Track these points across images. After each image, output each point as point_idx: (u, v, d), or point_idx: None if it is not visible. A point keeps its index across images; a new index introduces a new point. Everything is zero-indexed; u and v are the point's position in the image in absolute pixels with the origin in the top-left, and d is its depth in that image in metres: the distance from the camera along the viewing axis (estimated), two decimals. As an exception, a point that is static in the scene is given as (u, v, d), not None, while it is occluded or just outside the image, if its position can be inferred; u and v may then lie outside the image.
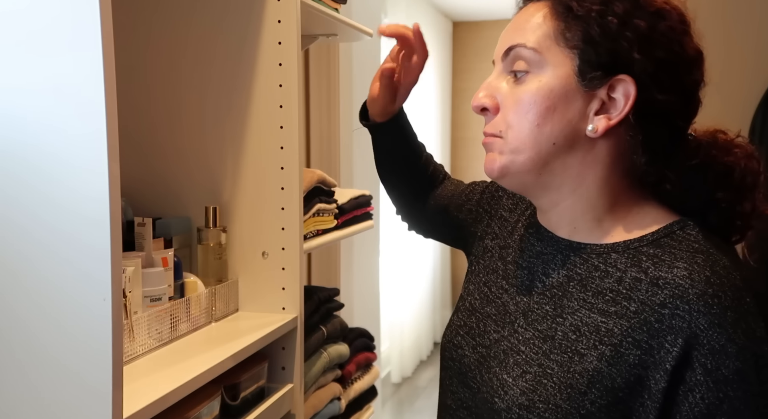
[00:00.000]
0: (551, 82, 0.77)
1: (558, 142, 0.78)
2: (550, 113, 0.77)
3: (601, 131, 0.77)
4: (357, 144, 2.60)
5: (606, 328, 0.76)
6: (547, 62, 0.77)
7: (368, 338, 1.75)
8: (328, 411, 1.53)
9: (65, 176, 0.76)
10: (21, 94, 0.77)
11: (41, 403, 0.79)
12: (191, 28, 1.35)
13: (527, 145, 0.79)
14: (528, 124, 0.78)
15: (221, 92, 1.35)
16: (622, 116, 0.76)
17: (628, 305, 0.75)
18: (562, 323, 0.79)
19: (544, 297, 0.83)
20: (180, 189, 1.38)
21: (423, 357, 5.01)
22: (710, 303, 0.71)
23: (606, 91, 0.76)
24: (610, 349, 0.74)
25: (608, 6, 0.76)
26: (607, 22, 0.75)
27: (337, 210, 1.57)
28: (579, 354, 0.76)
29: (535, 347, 0.80)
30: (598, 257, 0.81)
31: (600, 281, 0.79)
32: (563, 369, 0.77)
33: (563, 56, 0.77)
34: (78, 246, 0.76)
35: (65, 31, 0.74)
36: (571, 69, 0.77)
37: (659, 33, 0.75)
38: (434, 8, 5.07)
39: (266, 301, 1.35)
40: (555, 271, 0.84)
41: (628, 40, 0.75)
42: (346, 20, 1.56)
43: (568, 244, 0.84)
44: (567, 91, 0.77)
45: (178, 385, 0.96)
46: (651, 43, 0.75)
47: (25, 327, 0.79)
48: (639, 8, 0.76)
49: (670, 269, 0.74)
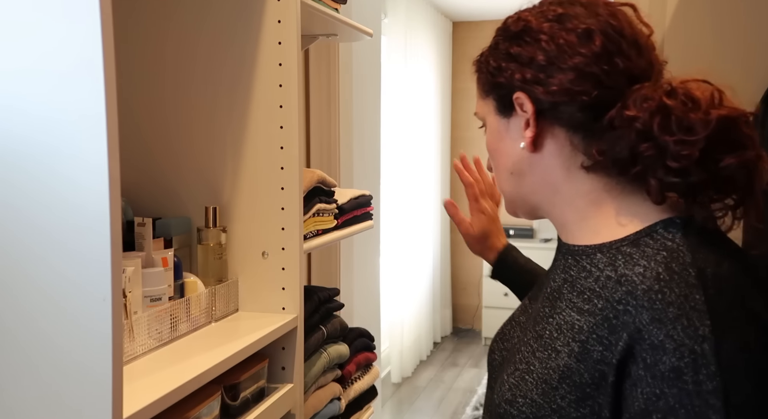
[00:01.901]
0: (489, 128, 0.92)
1: (513, 170, 0.90)
2: (497, 152, 0.92)
3: (527, 142, 0.86)
4: (357, 144, 2.60)
5: (578, 326, 0.78)
6: (484, 114, 0.93)
7: (368, 338, 1.75)
8: (328, 411, 1.52)
9: (65, 175, 0.76)
10: (24, 91, 0.77)
11: (42, 403, 0.79)
12: (191, 28, 1.35)
13: (501, 184, 0.94)
14: (495, 167, 0.94)
15: (221, 92, 1.35)
16: (531, 121, 0.85)
17: (597, 303, 0.78)
18: (551, 323, 0.83)
19: (547, 301, 0.87)
20: (180, 189, 1.38)
21: (423, 357, 5.01)
22: (653, 299, 0.72)
23: (519, 110, 0.86)
24: (578, 345, 0.77)
25: (493, 48, 0.89)
26: (492, 62, 0.89)
27: (337, 210, 1.57)
28: (555, 351, 0.80)
29: (529, 347, 0.84)
30: (587, 258, 0.84)
31: (584, 281, 0.82)
32: (542, 366, 0.80)
33: (487, 104, 0.92)
34: (78, 246, 0.76)
35: (64, 30, 0.74)
36: (493, 110, 0.90)
37: (529, 45, 0.84)
38: (434, 8, 5.07)
39: (266, 301, 1.36)
40: (558, 275, 0.88)
41: (506, 68, 0.86)
42: (346, 20, 1.56)
43: (568, 248, 0.88)
44: (497, 128, 0.91)
45: (178, 385, 0.96)
46: (522, 57, 0.84)
47: (27, 327, 0.79)
48: (505, 37, 0.88)
49: (633, 266, 0.76)
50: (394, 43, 4.24)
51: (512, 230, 5.35)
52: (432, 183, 5.12)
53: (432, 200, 5.12)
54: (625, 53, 0.82)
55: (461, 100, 5.68)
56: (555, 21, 0.84)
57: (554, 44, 0.83)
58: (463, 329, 5.83)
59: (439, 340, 5.47)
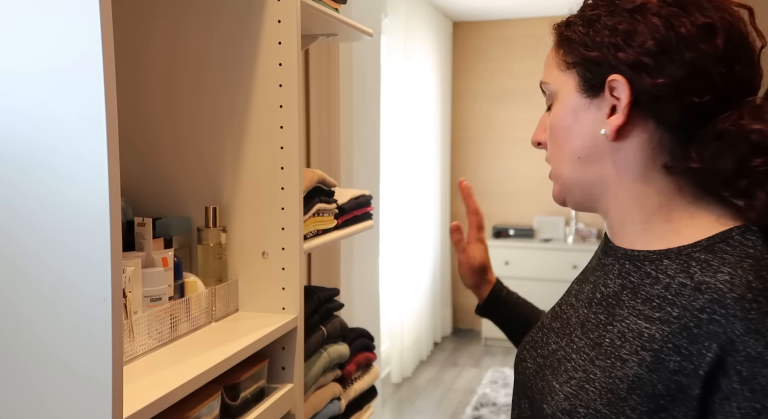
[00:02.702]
0: (563, 104, 0.85)
1: (582, 154, 0.83)
2: (567, 132, 0.84)
3: (611, 130, 0.79)
4: (357, 144, 2.60)
5: (648, 334, 0.75)
6: (558, 88, 0.85)
7: (368, 338, 1.75)
8: (328, 411, 1.52)
9: (65, 175, 0.76)
10: (24, 90, 0.77)
11: (42, 403, 0.79)
12: (190, 28, 1.35)
13: (560, 166, 0.87)
14: (555, 147, 0.87)
15: (221, 92, 1.35)
16: (625, 110, 0.78)
17: (671, 311, 0.74)
18: (611, 330, 0.79)
19: (600, 307, 0.84)
20: (180, 189, 1.38)
21: (423, 357, 5.01)
22: (747, 308, 0.69)
23: (609, 94, 0.80)
24: (651, 355, 0.74)
25: (591, 21, 0.81)
26: (590, 35, 0.81)
27: (337, 210, 1.57)
28: (621, 360, 0.76)
29: (584, 354, 0.81)
30: (651, 264, 0.80)
31: (650, 288, 0.78)
32: (605, 375, 0.76)
33: (567, 78, 0.84)
34: (78, 246, 0.76)
35: (64, 29, 0.74)
36: (573, 87, 0.83)
37: (642, 24, 0.77)
38: (434, 8, 5.07)
39: (266, 301, 1.36)
40: (612, 280, 0.84)
41: (608, 45, 0.79)
42: (346, 20, 1.56)
43: (624, 252, 0.84)
44: (575, 107, 0.83)
45: (178, 385, 0.96)
46: (632, 37, 0.77)
47: (27, 327, 0.79)
48: (615, 11, 0.79)
49: (714, 273, 0.73)
50: (394, 43, 4.24)
51: (512, 230, 5.35)
52: (432, 183, 5.12)
53: (432, 200, 5.12)
54: (743, 60, 0.77)
55: (461, 101, 5.68)
56: (676, 6, 0.77)
57: (672, 31, 0.76)
58: (463, 329, 5.83)
59: (439, 340, 5.47)
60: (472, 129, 5.64)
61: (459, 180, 1.20)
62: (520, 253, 5.22)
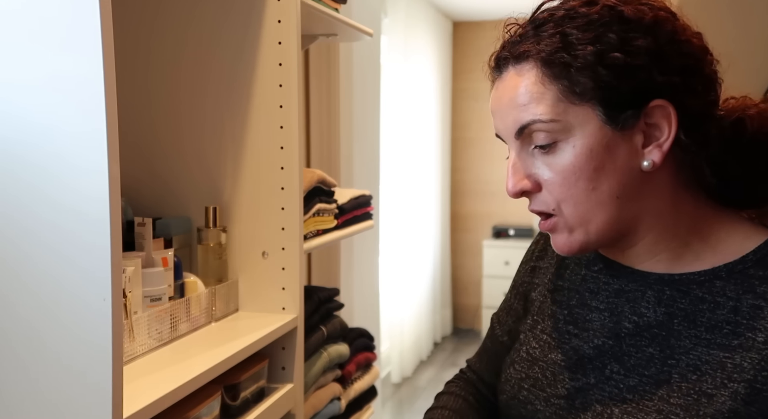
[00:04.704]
0: (586, 142, 0.72)
1: (621, 194, 0.73)
2: (600, 172, 0.73)
3: (659, 161, 0.73)
4: (357, 144, 2.60)
5: (732, 363, 0.70)
6: (572, 125, 0.72)
7: (368, 338, 1.75)
8: (328, 411, 1.52)
9: (65, 176, 0.76)
10: (22, 93, 0.77)
11: (42, 403, 0.79)
12: (191, 28, 1.35)
13: (592, 211, 0.74)
14: (582, 192, 0.73)
15: (221, 92, 1.35)
16: (672, 137, 0.72)
17: (753, 336, 0.70)
18: (675, 365, 0.73)
19: (642, 339, 0.77)
20: (180, 189, 1.38)
21: (423, 357, 5.01)
22: None
23: (643, 121, 0.73)
24: (744, 386, 0.69)
25: (602, 42, 0.70)
26: (611, 60, 0.70)
27: (337, 210, 1.57)
28: (706, 395, 0.70)
29: (647, 393, 0.74)
30: (700, 287, 0.75)
31: (711, 313, 0.73)
32: (690, 413, 0.70)
33: (584, 112, 0.72)
34: (78, 246, 0.76)
35: (64, 29, 0.74)
36: (598, 121, 0.72)
37: (664, 43, 0.71)
38: (434, 8, 5.07)
39: (266, 301, 1.35)
40: (649, 309, 0.77)
41: (642, 67, 0.70)
42: (346, 20, 1.56)
43: (659, 278, 0.78)
44: (606, 143, 0.72)
45: (178, 385, 0.96)
46: (663, 57, 0.71)
47: (27, 328, 0.79)
48: (633, 28, 0.71)
49: None
50: (394, 43, 4.24)
51: (512, 230, 5.35)
52: (432, 183, 5.12)
53: (432, 200, 5.12)
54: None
55: (461, 101, 5.67)
56: (673, 17, 0.73)
57: (693, 44, 0.72)
58: (463, 329, 5.83)
59: (439, 340, 5.47)
60: (472, 129, 5.64)
61: None
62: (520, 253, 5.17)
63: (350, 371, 1.63)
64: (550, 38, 0.73)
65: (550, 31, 0.73)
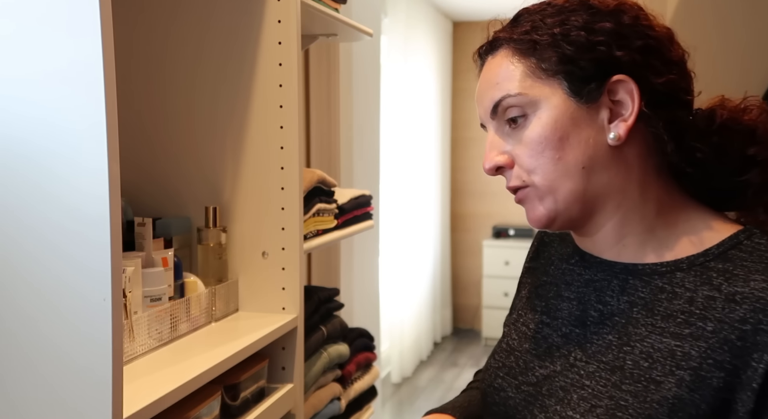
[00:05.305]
0: (552, 113, 0.77)
1: (586, 164, 0.77)
2: (565, 142, 0.77)
3: (623, 134, 0.76)
4: (357, 144, 2.60)
5: (682, 352, 0.72)
6: (539, 98, 0.77)
7: (368, 338, 1.75)
8: (328, 411, 1.53)
9: (65, 175, 0.76)
10: (22, 92, 0.77)
11: (42, 402, 0.79)
12: (191, 28, 1.35)
13: (559, 180, 0.78)
14: (549, 161, 0.77)
15: (221, 92, 1.35)
16: (636, 111, 0.76)
17: (704, 326, 0.72)
18: (630, 352, 0.75)
19: (605, 327, 0.79)
20: (180, 189, 1.38)
21: (423, 357, 5.01)
22: None
23: (607, 97, 0.77)
24: (690, 373, 0.71)
25: (567, 23, 0.77)
26: (574, 37, 0.76)
27: (337, 210, 1.57)
28: (655, 382, 0.72)
29: (602, 379, 0.76)
30: (662, 277, 0.77)
31: (668, 303, 0.75)
32: (639, 400, 0.72)
33: (550, 86, 0.77)
34: (78, 246, 0.76)
35: (65, 25, 0.74)
36: (563, 94, 0.77)
37: (626, 26, 0.76)
38: (434, 8, 5.07)
39: (266, 301, 1.35)
40: (613, 298, 0.80)
41: (603, 43, 0.75)
42: (346, 20, 1.56)
43: (624, 267, 0.80)
44: (571, 115, 0.77)
45: (178, 385, 0.96)
46: (624, 37, 0.76)
47: (27, 328, 0.79)
48: (596, 13, 0.77)
49: (746, 282, 0.71)
50: (394, 43, 4.24)
51: (512, 230, 5.35)
52: (432, 183, 5.12)
53: (432, 200, 5.12)
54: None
55: (461, 101, 5.67)
56: (638, 8, 0.79)
57: (656, 31, 0.77)
58: (463, 329, 5.83)
59: (439, 340, 5.47)
60: (472, 129, 5.64)
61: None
62: (520, 253, 5.21)
63: (350, 371, 1.63)
64: (522, 26, 0.80)
65: (522, 21, 0.81)
